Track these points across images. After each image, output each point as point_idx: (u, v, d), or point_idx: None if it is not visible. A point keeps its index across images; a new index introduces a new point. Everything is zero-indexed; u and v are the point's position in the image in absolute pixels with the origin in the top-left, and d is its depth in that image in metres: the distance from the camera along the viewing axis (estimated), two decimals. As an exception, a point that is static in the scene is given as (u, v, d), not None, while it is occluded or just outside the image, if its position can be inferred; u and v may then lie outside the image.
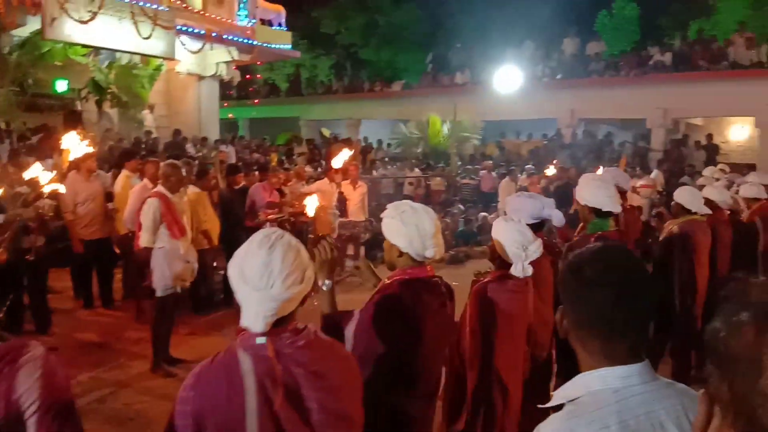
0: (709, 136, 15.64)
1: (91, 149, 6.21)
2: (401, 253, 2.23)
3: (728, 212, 5.19)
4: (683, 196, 4.61)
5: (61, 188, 5.55)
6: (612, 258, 1.30)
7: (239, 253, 1.59)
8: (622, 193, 4.45)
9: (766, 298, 0.69)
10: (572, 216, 4.54)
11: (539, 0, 21.01)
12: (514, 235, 2.66)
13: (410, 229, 2.19)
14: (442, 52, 22.92)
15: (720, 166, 10.72)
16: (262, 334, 1.55)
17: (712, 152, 15.11)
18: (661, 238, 4.75)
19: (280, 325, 1.58)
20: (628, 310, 1.22)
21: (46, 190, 5.04)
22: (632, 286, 1.24)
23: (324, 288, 2.22)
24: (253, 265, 1.54)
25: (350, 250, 9.54)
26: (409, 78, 22.87)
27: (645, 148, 16.06)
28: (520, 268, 2.61)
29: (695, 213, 4.53)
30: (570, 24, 19.75)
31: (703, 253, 4.51)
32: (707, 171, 9.65)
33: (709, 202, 4.72)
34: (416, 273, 2.21)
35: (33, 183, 5.18)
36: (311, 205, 2.93)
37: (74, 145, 5.59)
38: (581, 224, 3.77)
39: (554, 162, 11.22)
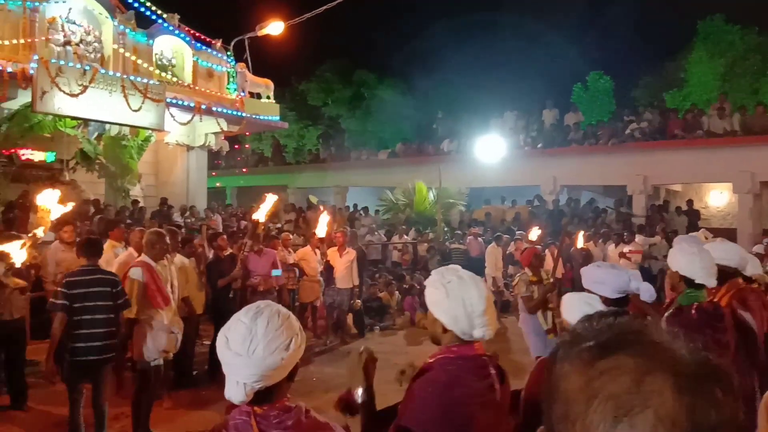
0: (690, 202, 15.97)
1: (67, 209, 6.14)
2: (446, 330, 1.96)
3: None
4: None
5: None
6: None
7: (228, 323, 1.58)
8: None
9: (588, 336, 0.71)
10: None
11: (517, 73, 21.96)
12: (582, 308, 2.42)
13: (455, 303, 1.92)
14: (426, 123, 23.58)
15: (702, 231, 10.91)
16: (247, 408, 1.51)
17: (693, 217, 15.36)
18: None
19: (266, 399, 1.53)
20: None
21: (18, 263, 4.93)
22: None
23: (358, 400, 2.02)
24: (237, 330, 1.53)
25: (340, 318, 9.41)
26: (393, 146, 23.36)
27: (627, 214, 16.31)
28: None
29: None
30: (548, 95, 20.54)
31: None
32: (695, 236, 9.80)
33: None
34: (462, 351, 1.94)
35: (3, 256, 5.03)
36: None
37: (51, 203, 5.49)
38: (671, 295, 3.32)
39: (536, 227, 11.31)
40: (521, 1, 26.25)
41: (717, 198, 17.66)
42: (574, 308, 2.47)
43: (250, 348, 1.49)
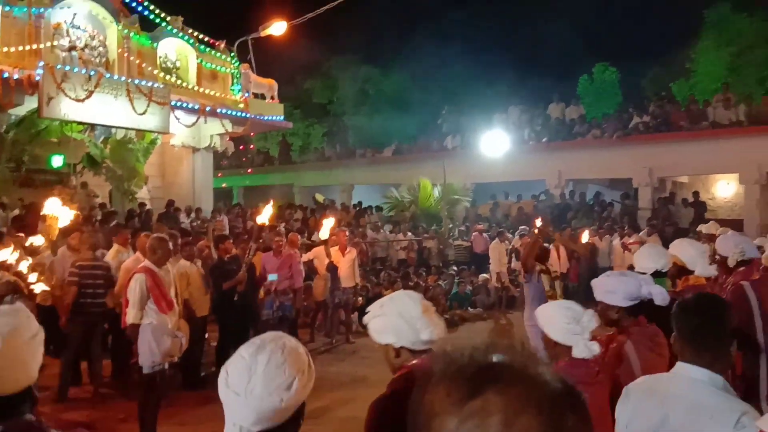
0: (696, 194, 15.90)
1: (73, 216, 6.29)
2: (397, 352, 2.00)
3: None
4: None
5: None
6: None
7: (231, 357, 1.48)
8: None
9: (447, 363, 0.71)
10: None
11: (521, 67, 21.89)
12: (559, 312, 2.36)
13: (393, 318, 1.99)
14: (431, 118, 23.57)
15: (711, 223, 10.86)
16: None
17: (699, 209, 15.31)
18: None
19: None
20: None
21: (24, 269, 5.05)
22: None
23: None
24: (237, 365, 1.42)
25: (342, 316, 9.50)
26: (399, 142, 23.39)
27: (633, 207, 16.28)
28: (582, 347, 2.26)
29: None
30: (553, 89, 20.44)
31: None
32: (704, 228, 9.79)
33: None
34: (419, 364, 1.95)
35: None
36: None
37: (58, 210, 5.59)
38: None
39: (537, 220, 11.29)
40: (526, -5, 26.10)
41: (724, 189, 17.56)
42: (554, 318, 2.36)
43: (248, 387, 1.38)
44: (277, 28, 15.22)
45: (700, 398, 1.83)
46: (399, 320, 1.97)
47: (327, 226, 8.16)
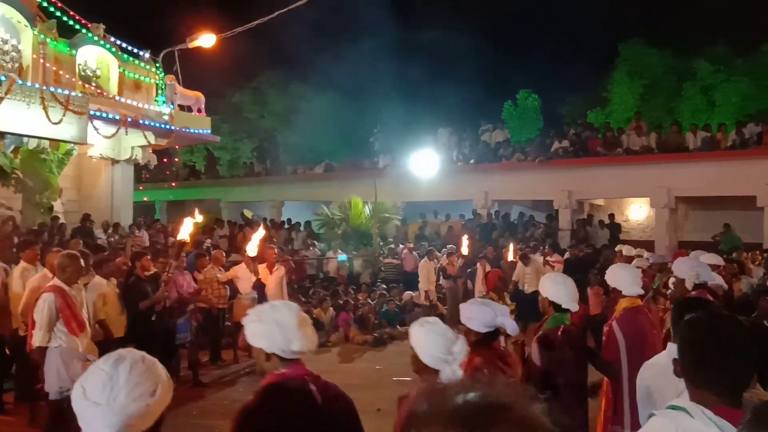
0: (611, 216, 16.75)
1: None
2: (268, 356, 2.13)
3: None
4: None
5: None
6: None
7: (85, 373, 1.50)
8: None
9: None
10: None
11: (451, 91, 22.52)
12: (433, 339, 2.42)
13: (269, 325, 2.11)
14: (363, 137, 23.73)
15: (625, 246, 11.50)
16: None
17: (614, 231, 16.12)
18: None
19: None
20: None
21: None
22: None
23: None
24: (96, 378, 1.45)
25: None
26: (331, 160, 23.36)
27: (555, 228, 16.94)
28: (449, 373, 2.35)
29: None
30: (480, 113, 21.17)
31: None
32: (625, 249, 10.44)
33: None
34: (288, 374, 2.11)
35: None
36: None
37: None
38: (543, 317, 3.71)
39: (464, 239, 11.56)
40: (458, 22, 26.97)
41: (637, 212, 18.61)
42: (426, 343, 2.42)
43: (111, 396, 1.41)
44: (206, 40, 14.93)
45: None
46: (274, 328, 2.09)
47: (254, 241, 7.96)
